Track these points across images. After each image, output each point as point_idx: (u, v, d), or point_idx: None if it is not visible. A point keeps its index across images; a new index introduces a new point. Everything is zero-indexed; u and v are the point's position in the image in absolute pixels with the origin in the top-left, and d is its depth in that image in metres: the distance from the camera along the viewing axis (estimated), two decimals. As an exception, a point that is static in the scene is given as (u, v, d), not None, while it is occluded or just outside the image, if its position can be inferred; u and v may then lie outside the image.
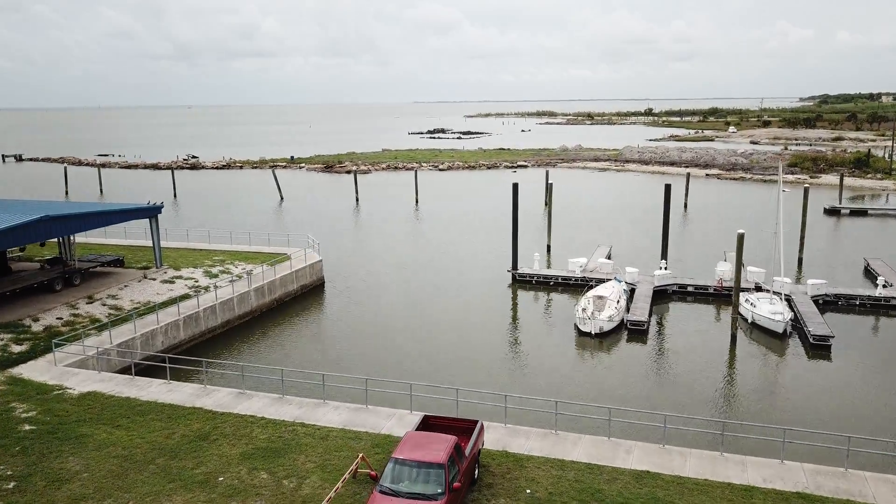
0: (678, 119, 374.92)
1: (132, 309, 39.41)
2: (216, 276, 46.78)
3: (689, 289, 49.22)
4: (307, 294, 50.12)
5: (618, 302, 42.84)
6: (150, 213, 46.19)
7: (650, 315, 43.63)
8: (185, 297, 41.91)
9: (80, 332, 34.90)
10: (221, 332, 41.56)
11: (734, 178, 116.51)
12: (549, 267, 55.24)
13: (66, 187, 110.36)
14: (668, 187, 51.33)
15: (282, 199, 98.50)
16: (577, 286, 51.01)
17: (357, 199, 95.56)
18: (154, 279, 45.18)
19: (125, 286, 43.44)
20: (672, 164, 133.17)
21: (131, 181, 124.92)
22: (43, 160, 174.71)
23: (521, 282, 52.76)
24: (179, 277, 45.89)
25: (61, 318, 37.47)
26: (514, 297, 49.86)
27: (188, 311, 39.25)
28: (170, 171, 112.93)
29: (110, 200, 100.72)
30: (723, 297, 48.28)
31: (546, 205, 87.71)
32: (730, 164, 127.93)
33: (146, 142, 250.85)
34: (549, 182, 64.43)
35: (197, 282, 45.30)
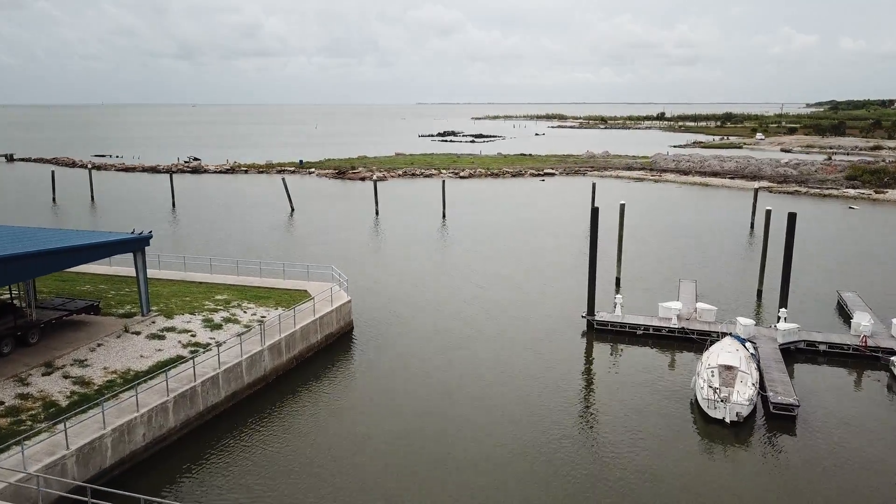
0: (693, 124, 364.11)
1: (104, 384, 28.88)
2: (219, 326, 36.24)
3: (821, 347, 38.63)
4: (332, 346, 39.61)
5: (751, 374, 32.28)
6: (135, 245, 35.59)
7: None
8: (177, 360, 31.46)
9: (26, 428, 24.49)
10: (225, 410, 31.08)
11: (787, 192, 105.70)
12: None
13: (54, 193, 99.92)
14: (791, 216, 40.79)
15: (292, 210, 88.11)
16: (673, 339, 40.51)
17: (377, 212, 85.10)
18: (138, 333, 34.63)
19: (99, 345, 32.89)
20: (714, 174, 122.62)
21: (127, 186, 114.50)
22: (35, 160, 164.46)
23: (599, 331, 42.21)
24: (171, 330, 35.32)
25: (2, 403, 26.95)
26: (594, 355, 39.29)
27: (181, 387, 28.78)
28: (169, 176, 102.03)
29: (102, 208, 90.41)
30: (866, 358, 37.73)
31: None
32: (779, 175, 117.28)
33: (146, 142, 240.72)
34: (622, 202, 53.73)
35: (194, 336, 34.77)
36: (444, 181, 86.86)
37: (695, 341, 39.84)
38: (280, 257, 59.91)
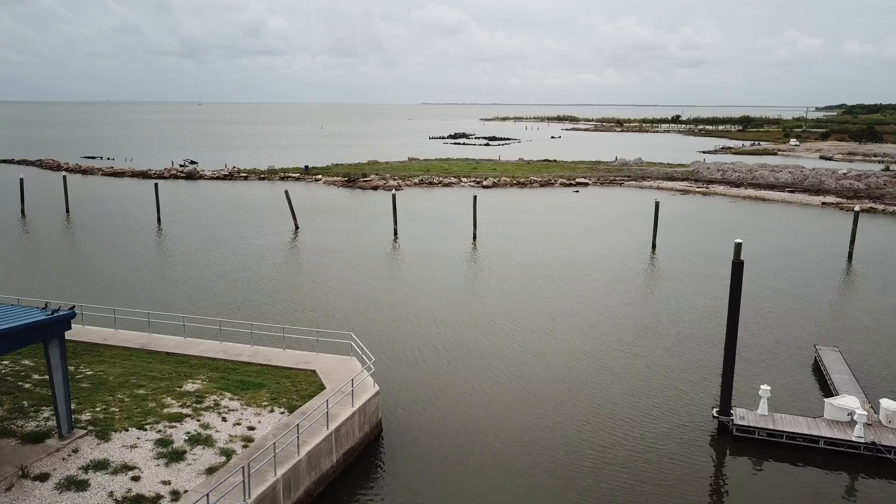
0: (713, 128, 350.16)
1: None
2: (180, 455, 23.13)
3: None
4: (353, 469, 26.56)
5: None
6: (47, 332, 22.47)
7: None
8: (100, 540, 18.47)
9: None
10: None
11: (862, 210, 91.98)
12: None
13: (23, 205, 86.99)
14: None
15: (296, 227, 75.28)
16: (856, 458, 27.40)
17: (395, 233, 72.05)
18: (45, 477, 21.54)
19: (-30, 509, 19.93)
20: (770, 186, 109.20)
21: (110, 195, 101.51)
22: (19, 162, 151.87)
23: (739, 440, 29.08)
24: (102, 467, 22.22)
25: None
26: (740, 481, 26.11)
27: None
28: (160, 182, 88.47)
29: (76, 224, 77.66)
30: None
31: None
32: (845, 189, 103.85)
33: (144, 141, 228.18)
34: (737, 241, 40.48)
35: (137, 478, 21.69)
36: (475, 197, 73.59)
37: (893, 463, 26.80)
38: (278, 302, 47.03)
